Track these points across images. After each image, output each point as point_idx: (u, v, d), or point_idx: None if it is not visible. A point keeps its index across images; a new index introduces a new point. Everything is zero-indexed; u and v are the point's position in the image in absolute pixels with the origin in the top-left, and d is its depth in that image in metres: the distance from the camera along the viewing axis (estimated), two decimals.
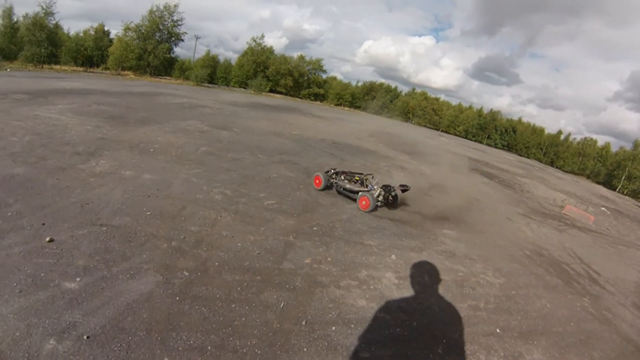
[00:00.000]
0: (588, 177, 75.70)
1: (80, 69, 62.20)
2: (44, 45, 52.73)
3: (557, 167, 75.41)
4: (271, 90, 67.75)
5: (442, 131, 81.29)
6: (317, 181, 8.84)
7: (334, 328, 3.98)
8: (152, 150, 8.98)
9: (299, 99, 68.04)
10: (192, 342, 3.40)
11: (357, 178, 8.89)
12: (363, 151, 14.69)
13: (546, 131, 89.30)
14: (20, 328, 3.22)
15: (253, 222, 6.11)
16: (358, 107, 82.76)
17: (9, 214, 5.22)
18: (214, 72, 71.83)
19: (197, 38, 79.20)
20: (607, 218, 16.97)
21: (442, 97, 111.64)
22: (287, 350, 3.54)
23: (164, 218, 5.68)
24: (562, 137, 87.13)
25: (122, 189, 6.34)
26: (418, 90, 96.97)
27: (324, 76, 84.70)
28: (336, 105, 76.69)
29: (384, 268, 5.53)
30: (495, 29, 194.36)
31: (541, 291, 6.23)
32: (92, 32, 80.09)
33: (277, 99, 48.37)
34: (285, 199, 7.37)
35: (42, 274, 4.02)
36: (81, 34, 79.31)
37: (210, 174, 7.82)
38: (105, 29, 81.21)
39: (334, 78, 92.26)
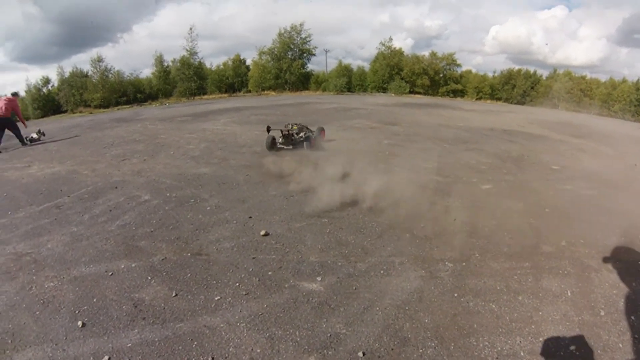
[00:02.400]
0: None
1: (225, 95, 67.46)
2: (193, 79, 59.12)
3: None
4: (410, 92, 66.75)
5: (594, 114, 73.60)
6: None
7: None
8: (334, 147, 8.59)
9: (439, 97, 66.32)
10: (499, 347, 2.62)
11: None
12: (536, 136, 13.26)
13: None
14: (260, 342, 2.65)
15: (481, 207, 5.28)
16: (499, 99, 78.42)
17: (208, 208, 5.01)
18: (349, 81, 72.52)
19: (326, 51, 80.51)
20: None
21: (587, 75, 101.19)
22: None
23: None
24: None
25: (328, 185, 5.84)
26: (560, 70, 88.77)
27: (459, 70, 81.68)
28: (477, 99, 73.56)
29: None
30: None
31: None
32: (230, 63, 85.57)
33: (420, 98, 47.49)
34: (499, 183, 6.45)
35: (269, 272, 3.51)
36: (221, 66, 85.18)
37: (410, 162, 7.18)
38: (241, 57, 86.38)
39: (470, 71, 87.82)
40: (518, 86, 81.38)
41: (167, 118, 18.52)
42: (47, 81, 74.29)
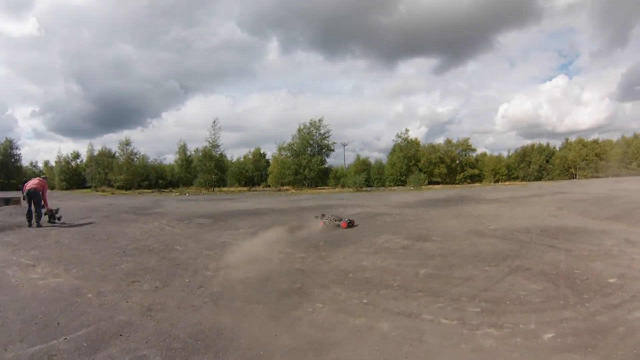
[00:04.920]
0: None
1: (245, 188, 69.81)
2: (214, 172, 61.59)
3: None
4: (428, 183, 67.07)
5: (613, 176, 72.87)
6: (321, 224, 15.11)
7: None
8: (366, 281, 7.73)
9: (457, 185, 66.24)
10: None
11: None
12: (572, 232, 12.68)
13: None
14: None
15: None
16: (516, 178, 78.71)
17: None
18: (368, 175, 73.36)
19: (344, 145, 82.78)
20: None
21: (598, 137, 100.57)
22: None
23: None
24: None
25: (367, 348, 5.01)
26: (571, 138, 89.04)
27: (474, 155, 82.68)
28: (495, 182, 73.58)
29: None
30: (625, 35, 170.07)
31: None
32: (251, 156, 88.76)
33: (440, 191, 47.17)
34: (561, 327, 5.49)
35: None
36: (242, 159, 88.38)
37: (456, 310, 6.20)
38: (262, 151, 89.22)
39: (485, 154, 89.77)
40: (534, 162, 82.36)
41: (185, 217, 18.59)
42: (77, 156, 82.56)
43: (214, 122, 65.84)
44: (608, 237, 11.64)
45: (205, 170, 64.28)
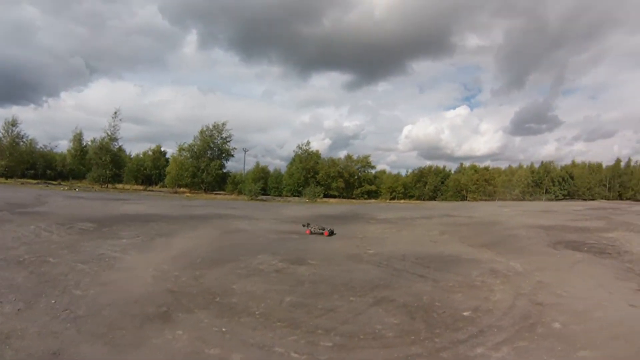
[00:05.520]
0: None
1: (141, 187, 66.92)
2: (109, 167, 58.08)
3: (628, 199, 73.12)
4: (324, 195, 67.86)
5: (498, 200, 79.44)
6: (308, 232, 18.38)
7: None
8: (231, 307, 7.70)
9: (353, 200, 67.61)
10: None
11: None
12: (445, 260, 13.38)
13: (604, 165, 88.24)
14: None
15: None
16: (412, 197, 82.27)
17: None
18: (265, 183, 73.30)
19: (245, 151, 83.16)
20: None
21: (489, 163, 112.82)
22: None
23: None
24: (623, 164, 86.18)
25: None
26: (466, 163, 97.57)
27: (373, 172, 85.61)
28: (390, 199, 76.22)
29: None
30: (522, 79, 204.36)
31: None
32: (150, 153, 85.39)
33: (334, 205, 47.80)
34: None
35: None
36: (141, 155, 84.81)
37: (308, 343, 6.30)
38: (162, 149, 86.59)
39: (384, 172, 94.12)
40: (429, 183, 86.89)
41: (68, 220, 17.59)
42: None
43: (116, 112, 61.78)
44: (476, 266, 12.47)
45: (100, 165, 59.67)
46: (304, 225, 19.25)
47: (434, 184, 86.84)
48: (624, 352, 6.48)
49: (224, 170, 70.21)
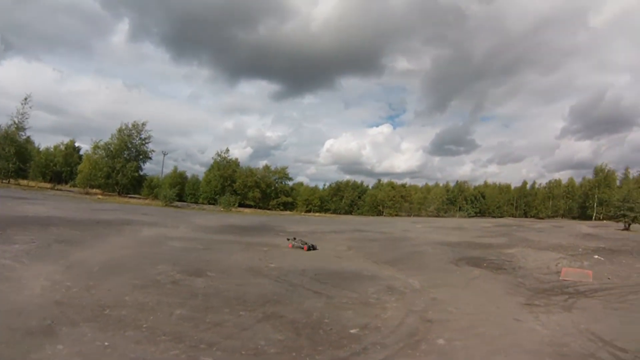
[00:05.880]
0: (563, 216, 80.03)
1: (48, 185, 62.11)
2: (12, 160, 52.78)
3: (532, 217, 79.14)
4: (240, 205, 67.48)
5: (414, 216, 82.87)
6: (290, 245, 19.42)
7: None
8: (119, 320, 7.69)
9: (268, 211, 67.65)
10: None
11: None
12: (346, 277, 13.79)
13: (512, 186, 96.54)
14: None
15: None
16: (328, 210, 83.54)
17: None
18: (182, 189, 72.01)
19: (164, 154, 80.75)
20: (603, 266, 17.45)
21: (407, 181, 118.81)
22: None
23: None
24: (529, 186, 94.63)
25: None
26: (384, 179, 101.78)
27: (291, 184, 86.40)
28: (306, 212, 76.99)
29: None
30: (445, 104, 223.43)
31: None
32: (62, 148, 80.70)
33: (248, 216, 47.80)
34: None
35: None
36: (51, 149, 79.80)
37: (189, 358, 6.42)
38: (76, 144, 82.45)
39: (301, 184, 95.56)
40: (346, 197, 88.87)
41: None
42: None
43: (26, 98, 56.14)
44: (374, 283, 13.07)
45: (2, 157, 54.16)
46: (288, 239, 20.46)
47: (350, 198, 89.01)
48: None
49: (141, 173, 67.47)
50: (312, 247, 19.30)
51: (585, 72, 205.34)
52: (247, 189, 75.24)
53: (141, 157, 66.69)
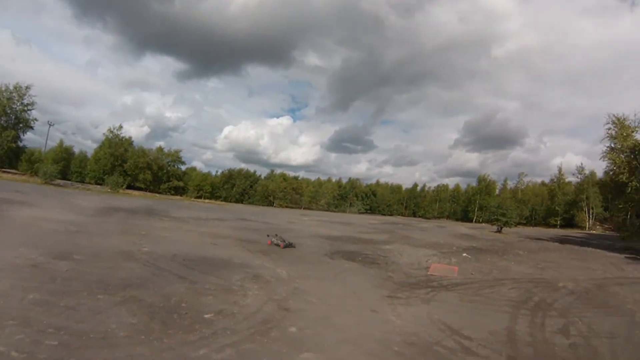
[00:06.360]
0: (448, 217, 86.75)
1: None
2: None
3: (419, 217, 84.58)
4: (130, 187, 64.95)
5: (304, 209, 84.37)
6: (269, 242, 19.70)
7: None
8: None
9: (158, 195, 65.77)
10: None
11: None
12: (215, 263, 13.97)
13: (404, 187, 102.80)
14: None
15: None
16: (219, 198, 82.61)
17: None
18: (67, 166, 67.82)
19: (50, 125, 74.64)
20: (469, 263, 19.15)
21: (302, 174, 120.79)
22: None
23: None
24: (419, 188, 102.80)
25: None
26: (278, 171, 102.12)
27: (183, 168, 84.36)
28: (196, 198, 75.78)
29: None
30: (348, 104, 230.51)
31: None
32: None
33: (135, 199, 46.32)
34: None
35: None
36: None
37: (33, 342, 6.42)
38: None
39: (194, 169, 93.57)
40: (238, 185, 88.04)
41: None
42: None
43: None
44: (242, 271, 13.39)
45: None
46: (268, 236, 20.92)
47: (242, 186, 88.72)
48: (348, 354, 7.61)
49: (20, 144, 61.44)
50: (289, 245, 19.76)
51: (482, 93, 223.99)
52: (138, 170, 72.37)
53: (21, 125, 59.41)
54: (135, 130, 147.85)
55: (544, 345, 8.92)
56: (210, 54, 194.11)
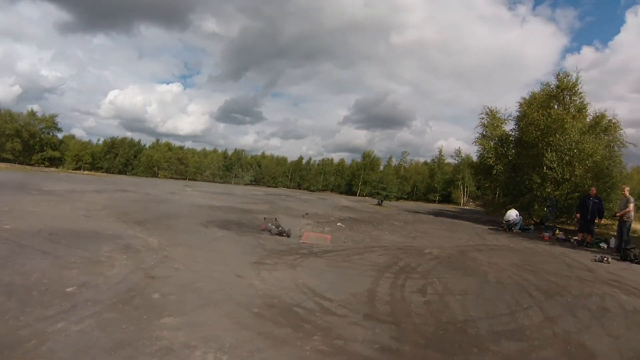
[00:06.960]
0: (332, 190, 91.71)
1: None
2: None
3: (304, 189, 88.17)
4: None
5: (189, 180, 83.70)
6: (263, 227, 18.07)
7: None
8: None
9: (29, 167, 61.40)
10: None
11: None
12: (84, 236, 13.27)
13: (289, 159, 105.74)
14: None
15: None
16: (100, 169, 79.09)
17: None
18: None
19: None
20: (343, 232, 20.05)
21: (189, 144, 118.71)
22: None
23: None
24: (304, 161, 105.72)
25: None
26: (163, 140, 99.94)
27: (60, 136, 79.09)
28: (75, 169, 71.67)
29: None
30: (241, 74, 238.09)
31: (269, 352, 6.36)
32: None
33: (1, 171, 43.00)
34: None
35: None
36: None
37: None
38: None
39: (72, 137, 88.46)
40: (121, 155, 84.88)
41: None
42: None
43: None
44: (112, 242, 12.79)
45: None
46: (265, 218, 19.73)
47: (125, 156, 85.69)
48: (208, 317, 7.63)
49: None
50: (281, 233, 18.40)
51: (376, 75, 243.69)
52: (5, 138, 66.73)
53: None
54: (3, 90, 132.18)
55: (401, 303, 9.53)
56: (99, 4, 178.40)
